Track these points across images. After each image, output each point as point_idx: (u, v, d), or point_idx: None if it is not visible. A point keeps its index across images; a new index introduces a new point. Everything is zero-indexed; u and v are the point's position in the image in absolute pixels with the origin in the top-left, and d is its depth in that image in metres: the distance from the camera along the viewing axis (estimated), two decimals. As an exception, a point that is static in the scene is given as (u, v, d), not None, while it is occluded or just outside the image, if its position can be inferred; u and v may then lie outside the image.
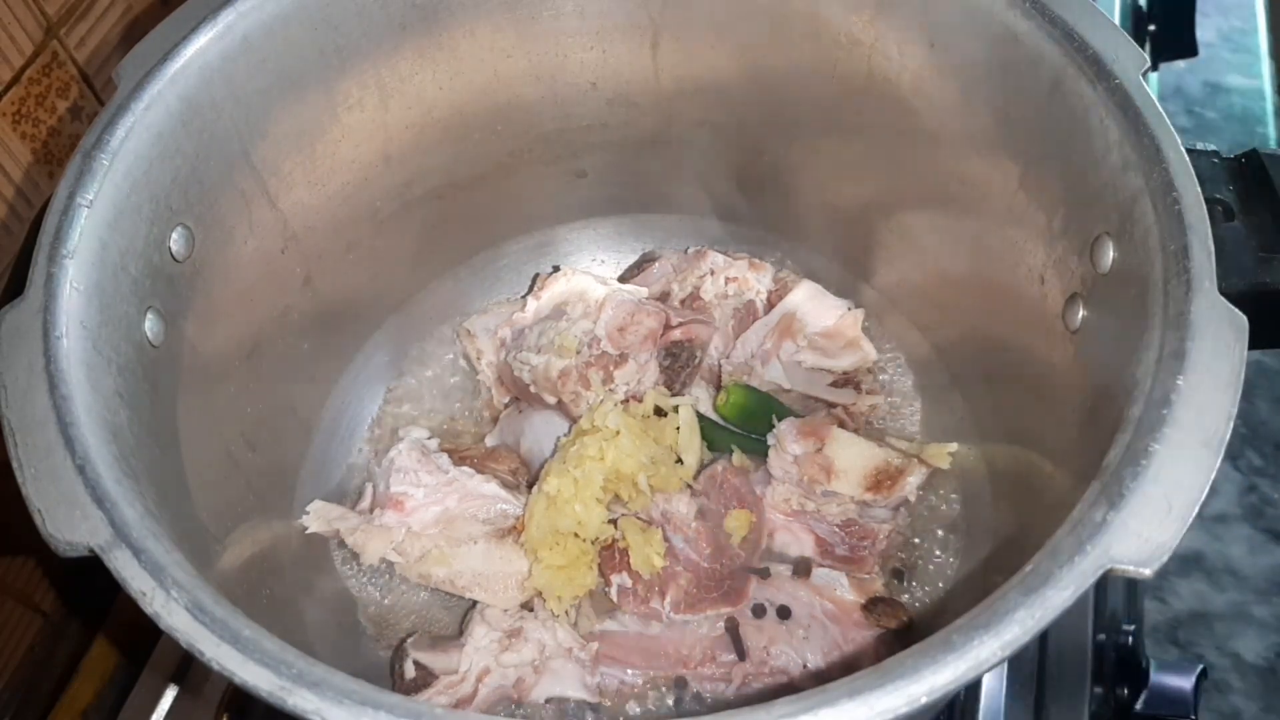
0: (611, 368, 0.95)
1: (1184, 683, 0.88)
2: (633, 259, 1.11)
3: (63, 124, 0.90)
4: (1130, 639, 0.92)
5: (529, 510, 0.89)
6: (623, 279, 1.07)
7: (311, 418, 0.97)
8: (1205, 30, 1.49)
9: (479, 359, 1.03)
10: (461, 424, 1.04)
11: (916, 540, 0.92)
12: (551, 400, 0.97)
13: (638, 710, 0.87)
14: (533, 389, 0.97)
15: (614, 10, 0.91)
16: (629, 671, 0.87)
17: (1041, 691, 0.84)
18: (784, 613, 0.87)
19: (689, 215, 1.09)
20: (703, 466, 0.94)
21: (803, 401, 1.00)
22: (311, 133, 0.85)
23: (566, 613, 0.88)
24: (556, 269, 1.04)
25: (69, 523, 0.56)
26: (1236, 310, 0.58)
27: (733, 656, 0.86)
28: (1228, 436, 0.54)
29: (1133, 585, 1.03)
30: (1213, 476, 0.53)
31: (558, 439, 0.96)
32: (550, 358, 0.95)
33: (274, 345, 0.88)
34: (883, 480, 0.91)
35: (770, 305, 1.03)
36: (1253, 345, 0.57)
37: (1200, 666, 0.89)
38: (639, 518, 0.90)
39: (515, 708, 0.86)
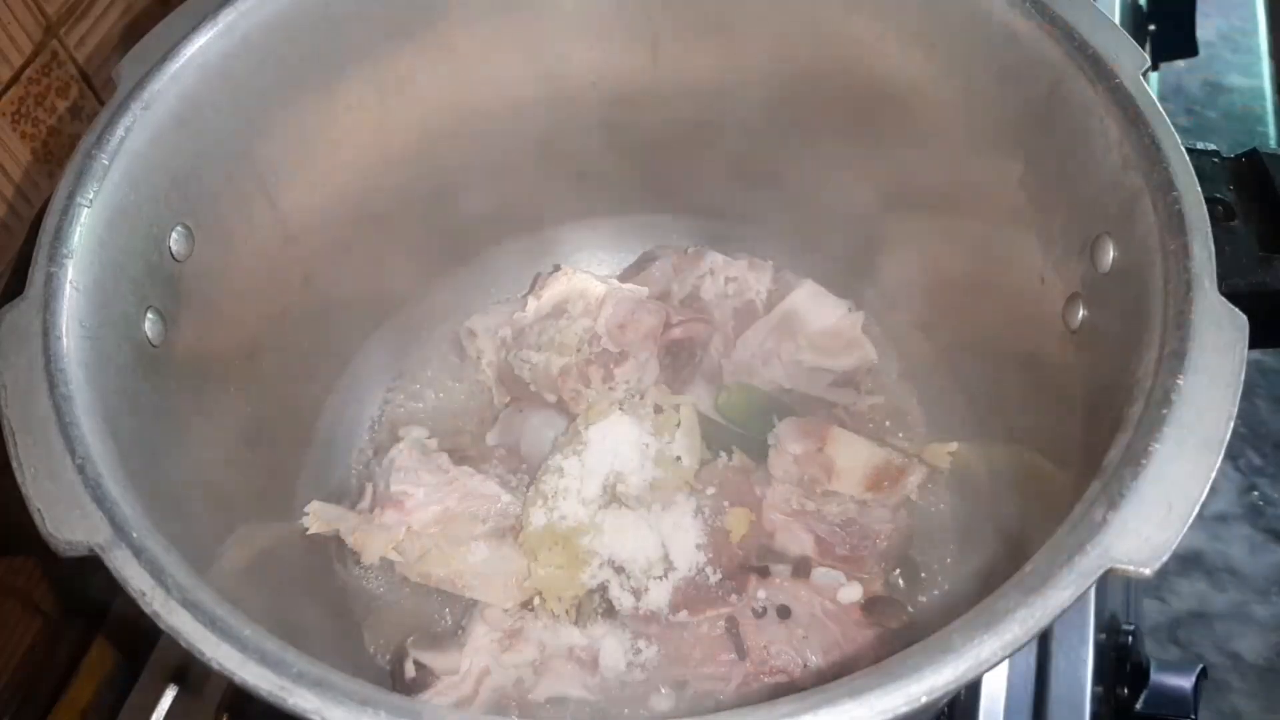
0: (612, 365, 0.95)
1: (1184, 683, 0.88)
2: (633, 259, 1.11)
3: (63, 124, 0.90)
4: (1130, 639, 0.92)
5: (526, 510, 0.89)
6: (623, 279, 1.07)
7: (311, 418, 0.97)
8: (1205, 30, 1.49)
9: (479, 359, 1.03)
10: (461, 424, 1.04)
11: (916, 540, 0.92)
12: (551, 398, 0.97)
13: (638, 710, 0.87)
14: (533, 387, 0.97)
15: (614, 10, 0.91)
16: (629, 671, 0.86)
17: (1041, 691, 0.84)
18: (784, 612, 0.87)
19: (689, 215, 1.09)
20: (703, 465, 0.94)
21: (803, 401, 1.00)
22: (311, 133, 0.85)
23: (567, 612, 0.88)
24: (557, 268, 1.04)
25: (69, 522, 0.56)
26: (1236, 310, 0.58)
27: (733, 656, 0.85)
28: (1228, 436, 0.54)
29: (1133, 585, 1.03)
30: (1213, 476, 0.53)
31: (556, 438, 0.96)
32: (551, 355, 0.96)
33: (274, 345, 0.88)
34: (883, 480, 0.91)
35: (770, 305, 1.03)
36: (1253, 345, 0.57)
37: (1200, 666, 0.89)
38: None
39: (515, 708, 0.86)
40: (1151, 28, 1.36)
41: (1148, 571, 0.51)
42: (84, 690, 0.97)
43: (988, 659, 0.49)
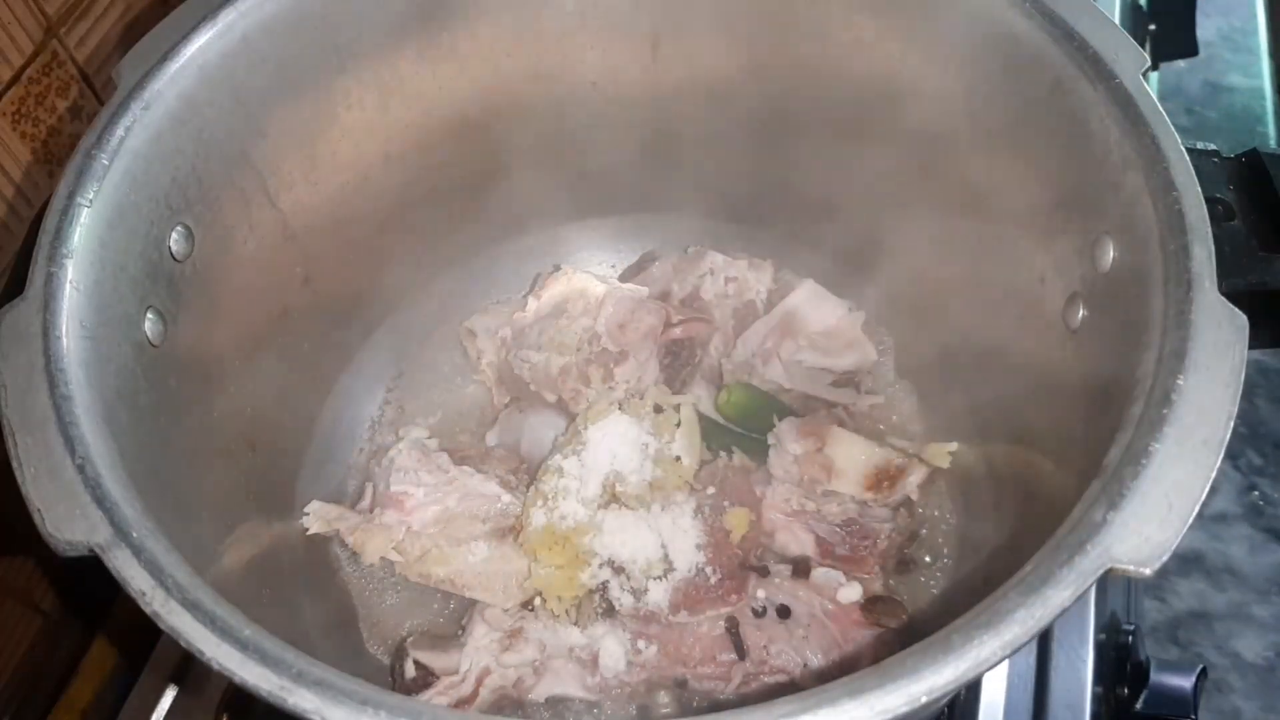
0: (612, 365, 0.95)
1: (1184, 683, 0.88)
2: (633, 259, 1.11)
3: (63, 124, 0.90)
4: (1130, 639, 0.92)
5: (526, 510, 0.89)
6: (623, 279, 1.07)
7: (311, 418, 0.97)
8: (1205, 30, 1.49)
9: (479, 359, 1.03)
10: (461, 424, 1.04)
11: (917, 539, 0.92)
12: (551, 398, 0.97)
13: (638, 710, 0.87)
14: (533, 387, 0.97)
15: (614, 10, 0.91)
16: (629, 671, 0.87)
17: (1041, 691, 0.84)
18: (784, 612, 0.87)
19: (689, 215, 1.09)
20: (703, 465, 0.94)
21: (803, 401, 1.00)
22: (311, 132, 0.85)
23: (566, 612, 0.88)
24: (557, 268, 1.04)
25: (69, 522, 0.56)
26: (1236, 310, 0.58)
27: (733, 656, 0.85)
28: (1228, 436, 0.54)
29: (1133, 585, 1.03)
30: (1213, 476, 0.53)
31: (556, 438, 0.96)
32: (551, 355, 0.96)
33: (274, 345, 0.88)
34: (883, 480, 0.91)
35: (770, 305, 1.03)
36: (1253, 345, 0.57)
37: (1200, 666, 0.89)
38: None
39: (515, 708, 0.86)
40: (1151, 28, 1.36)
41: (1148, 571, 0.51)
42: (84, 690, 0.97)
43: (988, 659, 0.49)
